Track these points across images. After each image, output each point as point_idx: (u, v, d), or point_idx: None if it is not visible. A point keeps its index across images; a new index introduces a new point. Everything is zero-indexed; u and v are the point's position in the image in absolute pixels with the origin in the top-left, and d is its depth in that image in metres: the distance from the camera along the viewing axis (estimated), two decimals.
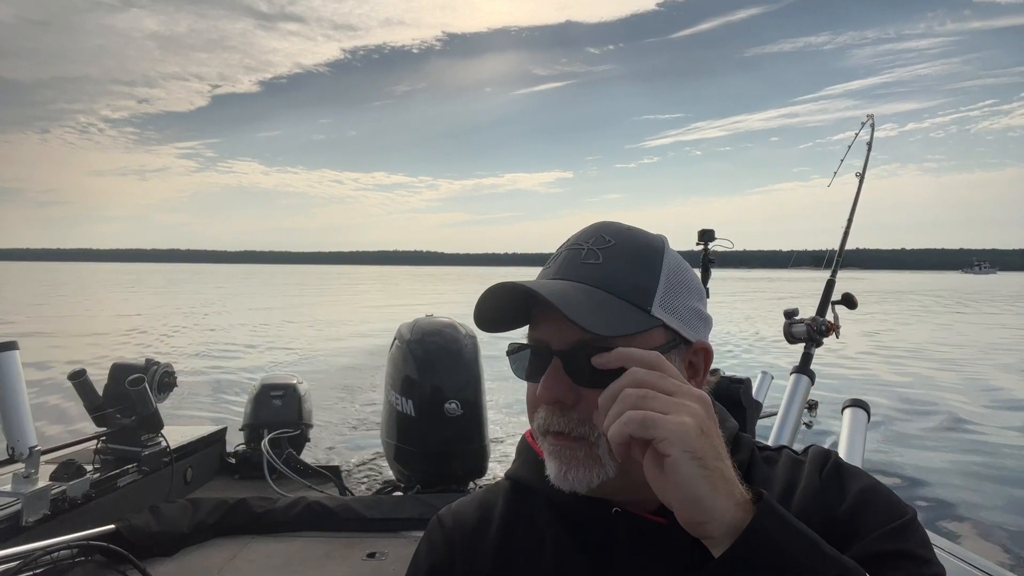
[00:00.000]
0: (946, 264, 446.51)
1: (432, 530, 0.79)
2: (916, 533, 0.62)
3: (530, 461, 0.77)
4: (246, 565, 2.42)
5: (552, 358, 0.66)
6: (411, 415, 3.16)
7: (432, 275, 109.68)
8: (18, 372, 2.51)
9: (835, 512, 0.64)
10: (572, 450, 0.65)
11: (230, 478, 3.67)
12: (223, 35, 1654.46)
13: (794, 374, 2.85)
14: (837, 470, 0.69)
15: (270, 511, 2.70)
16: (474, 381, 3.28)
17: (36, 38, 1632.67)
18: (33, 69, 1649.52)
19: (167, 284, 53.76)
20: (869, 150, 3.19)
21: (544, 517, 0.73)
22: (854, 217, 3.18)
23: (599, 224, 0.73)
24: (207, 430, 3.70)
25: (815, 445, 0.75)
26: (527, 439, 0.81)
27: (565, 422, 0.65)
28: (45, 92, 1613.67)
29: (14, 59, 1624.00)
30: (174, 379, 3.24)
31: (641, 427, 0.53)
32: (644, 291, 0.67)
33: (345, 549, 2.56)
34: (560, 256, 0.71)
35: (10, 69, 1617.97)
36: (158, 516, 2.50)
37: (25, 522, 2.28)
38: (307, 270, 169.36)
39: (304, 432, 3.93)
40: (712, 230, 3.21)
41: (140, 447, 2.96)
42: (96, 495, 2.64)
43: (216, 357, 12.41)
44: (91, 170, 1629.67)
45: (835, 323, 2.82)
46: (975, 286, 64.97)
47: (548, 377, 0.65)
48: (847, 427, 2.36)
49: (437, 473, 3.23)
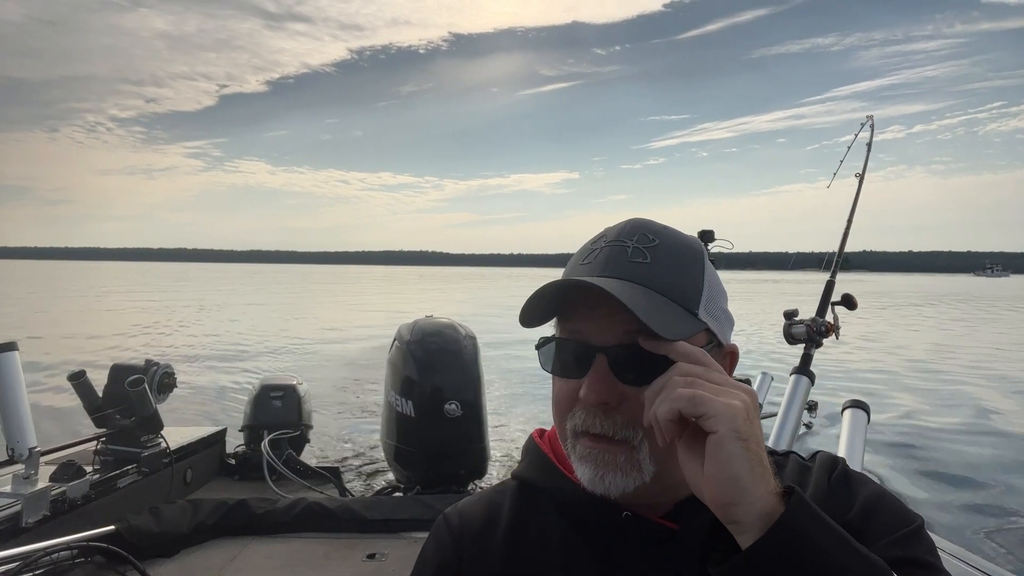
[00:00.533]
0: (954, 267, 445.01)
1: (439, 529, 0.78)
2: (924, 540, 0.62)
3: (537, 461, 0.77)
4: (246, 566, 2.42)
5: (596, 356, 0.63)
6: (411, 416, 3.16)
7: (437, 276, 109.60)
8: (18, 373, 2.51)
9: (843, 519, 0.63)
10: (612, 454, 0.63)
11: (230, 479, 3.67)
12: (231, 35, 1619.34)
13: (794, 375, 2.85)
14: (845, 477, 0.69)
15: (270, 512, 2.70)
16: (474, 382, 3.28)
17: (45, 37, 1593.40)
18: (42, 68, 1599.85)
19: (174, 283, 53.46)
20: (869, 151, 3.20)
21: (552, 518, 0.72)
22: (854, 218, 3.18)
23: (636, 221, 0.71)
24: (207, 431, 3.70)
25: (823, 451, 0.74)
26: (534, 439, 0.80)
27: (609, 424, 0.63)
28: (54, 91, 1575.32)
29: (24, 58, 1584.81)
30: (174, 380, 3.24)
31: (691, 403, 0.53)
32: (692, 293, 0.66)
33: (345, 550, 2.56)
34: (601, 252, 0.68)
35: (19, 68, 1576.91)
36: (158, 517, 2.50)
37: (25, 523, 2.28)
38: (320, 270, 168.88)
39: (304, 433, 3.93)
40: (712, 231, 3.20)
41: (140, 448, 2.96)
42: (96, 496, 2.64)
43: (216, 358, 12.40)
44: (99, 169, 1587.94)
45: (835, 324, 2.82)
46: (992, 290, 64.45)
47: (594, 377, 0.63)
48: (847, 428, 2.36)
49: (437, 474, 3.23)
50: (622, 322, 0.62)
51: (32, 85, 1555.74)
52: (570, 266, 0.71)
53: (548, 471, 0.74)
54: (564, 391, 0.67)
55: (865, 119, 3.22)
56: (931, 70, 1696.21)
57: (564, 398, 0.67)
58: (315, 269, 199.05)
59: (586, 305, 0.65)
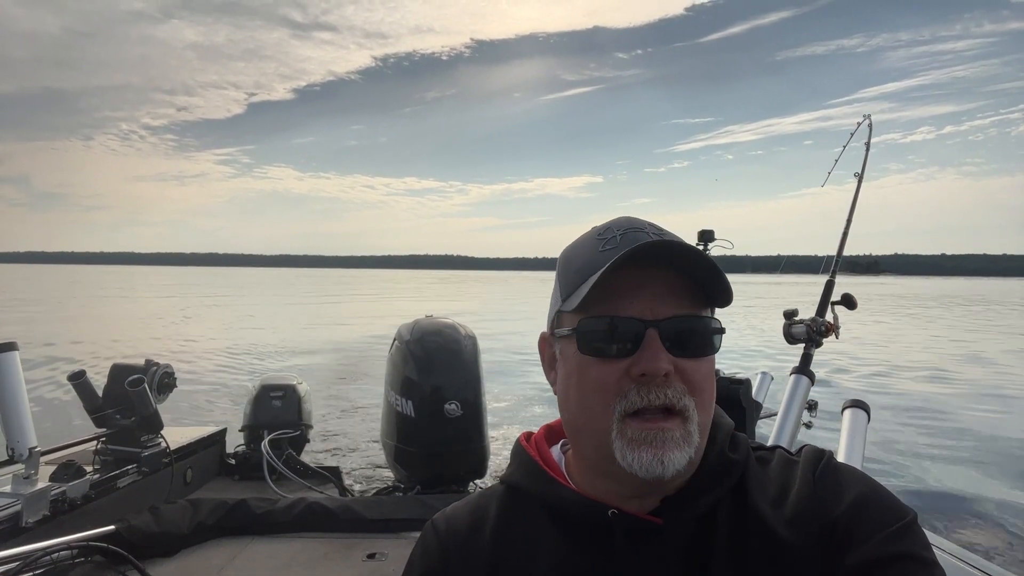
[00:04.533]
0: (988, 270, 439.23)
1: (426, 536, 0.78)
2: (918, 535, 0.62)
3: (525, 465, 0.77)
4: (246, 566, 2.42)
5: (646, 330, 0.64)
6: (411, 416, 3.16)
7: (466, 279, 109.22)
8: (18, 372, 2.51)
9: (833, 514, 0.63)
10: (668, 430, 0.64)
11: (230, 479, 3.67)
12: (259, 44, 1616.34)
13: (794, 375, 2.84)
14: (833, 471, 0.68)
15: (270, 512, 2.70)
16: (474, 381, 3.28)
17: (81, 48, 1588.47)
18: (78, 78, 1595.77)
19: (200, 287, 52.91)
20: (868, 151, 3.18)
21: (539, 521, 0.72)
22: (852, 218, 3.17)
23: (628, 217, 0.73)
24: (207, 431, 3.69)
25: (808, 445, 0.74)
26: (521, 443, 0.81)
27: (672, 394, 0.64)
28: (89, 100, 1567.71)
29: (61, 69, 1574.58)
30: (174, 380, 3.23)
31: None
32: None
33: (345, 550, 2.56)
34: (619, 239, 0.68)
35: (57, 78, 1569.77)
36: (158, 517, 2.50)
37: (25, 523, 2.28)
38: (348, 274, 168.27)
39: (304, 433, 3.93)
40: (712, 231, 3.20)
41: (140, 448, 2.96)
42: (96, 496, 2.64)
43: (216, 358, 12.40)
44: (133, 176, 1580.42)
45: (835, 324, 2.82)
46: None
47: (653, 349, 0.63)
48: (847, 428, 2.35)
49: (437, 474, 3.23)
50: (668, 295, 0.65)
51: (68, 94, 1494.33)
52: (586, 260, 0.69)
53: (535, 474, 0.74)
54: (607, 373, 0.66)
55: (862, 118, 3.21)
56: (960, 70, 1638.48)
57: (610, 380, 0.65)
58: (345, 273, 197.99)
59: (631, 284, 0.65)
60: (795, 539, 0.63)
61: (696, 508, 0.67)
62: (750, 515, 0.66)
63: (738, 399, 2.88)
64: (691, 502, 0.67)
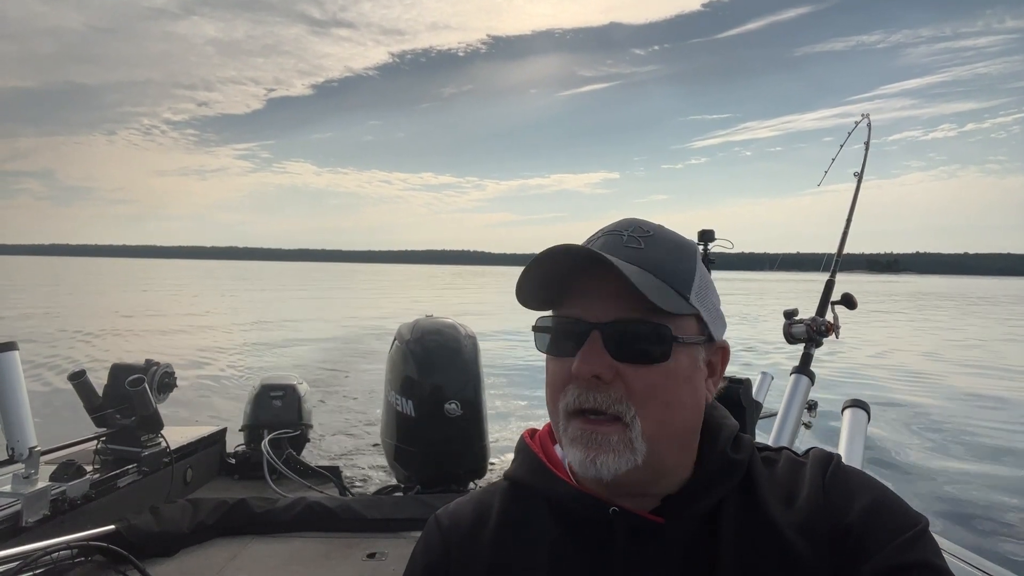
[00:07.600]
0: (1015, 270, 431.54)
1: (429, 531, 0.78)
2: (930, 543, 0.62)
3: (528, 461, 0.77)
4: (246, 565, 2.42)
5: (591, 331, 0.64)
6: (411, 415, 3.16)
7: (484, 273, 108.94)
8: (18, 372, 2.51)
9: (844, 521, 0.63)
10: (604, 434, 0.64)
11: (230, 478, 3.67)
12: (278, 40, 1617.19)
13: (794, 374, 2.85)
14: (843, 475, 0.68)
15: (270, 511, 2.70)
16: (474, 381, 3.28)
17: (104, 44, 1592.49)
18: (101, 74, 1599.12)
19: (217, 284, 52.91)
20: (867, 150, 3.18)
21: (541, 518, 0.72)
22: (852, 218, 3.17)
23: (631, 219, 0.73)
24: (207, 430, 3.69)
25: (816, 447, 0.74)
26: (525, 439, 0.81)
27: (602, 399, 0.64)
28: (112, 95, 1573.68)
29: (84, 64, 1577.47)
30: (174, 380, 3.23)
31: None
32: (684, 277, 0.67)
33: (345, 549, 2.56)
34: (597, 241, 0.70)
35: (80, 74, 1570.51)
36: (158, 516, 2.50)
37: (25, 522, 2.28)
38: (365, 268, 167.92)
39: (304, 432, 3.93)
40: (712, 230, 3.20)
41: (140, 448, 2.96)
42: (96, 496, 2.64)
43: (216, 357, 12.40)
44: (155, 170, 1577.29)
45: (835, 323, 2.82)
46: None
47: (586, 351, 0.63)
48: (847, 428, 2.35)
49: (437, 473, 3.23)
50: (617, 299, 0.64)
51: (91, 90, 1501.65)
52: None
53: (538, 471, 0.75)
54: (558, 370, 0.68)
55: (861, 117, 3.20)
56: (983, 67, 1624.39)
57: (558, 377, 0.67)
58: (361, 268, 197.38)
59: (581, 285, 0.66)
60: (804, 543, 0.63)
61: (697, 507, 0.67)
62: (757, 516, 0.66)
63: (738, 399, 2.88)
64: (692, 501, 0.67)
